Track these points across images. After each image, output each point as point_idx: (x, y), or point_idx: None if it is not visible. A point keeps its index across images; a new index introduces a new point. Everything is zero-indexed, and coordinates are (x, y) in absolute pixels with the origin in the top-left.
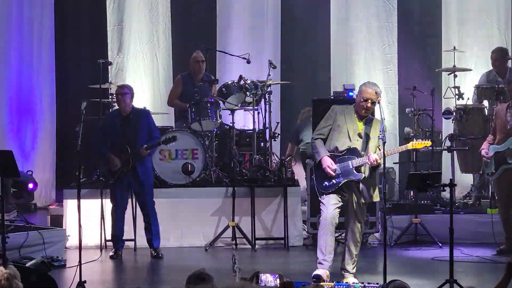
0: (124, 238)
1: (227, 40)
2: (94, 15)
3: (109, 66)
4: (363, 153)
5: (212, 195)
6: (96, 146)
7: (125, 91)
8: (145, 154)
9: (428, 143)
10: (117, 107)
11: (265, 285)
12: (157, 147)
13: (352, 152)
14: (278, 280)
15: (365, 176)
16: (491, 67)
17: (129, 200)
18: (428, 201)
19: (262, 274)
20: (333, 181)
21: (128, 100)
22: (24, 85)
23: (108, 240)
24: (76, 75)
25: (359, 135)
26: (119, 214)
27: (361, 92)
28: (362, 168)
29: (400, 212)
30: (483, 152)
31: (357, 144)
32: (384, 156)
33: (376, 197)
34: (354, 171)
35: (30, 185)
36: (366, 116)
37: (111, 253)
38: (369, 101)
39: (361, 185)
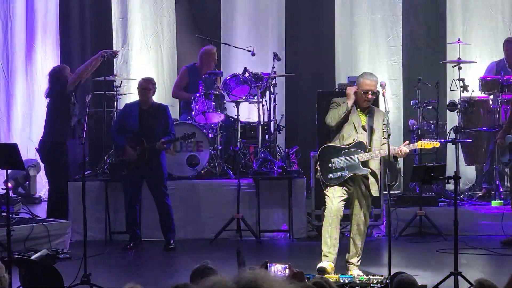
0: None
1: (232, 33)
2: (99, 8)
3: (114, 59)
4: (369, 147)
5: (217, 187)
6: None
7: (149, 87)
8: (162, 149)
9: (437, 143)
10: (121, 98)
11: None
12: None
13: (358, 146)
14: (287, 270)
15: (371, 170)
16: (495, 59)
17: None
18: (433, 193)
19: (271, 264)
20: (338, 174)
21: (151, 95)
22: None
23: (123, 232)
24: None
25: (363, 127)
26: (133, 206)
27: (360, 84)
28: (368, 162)
29: (405, 205)
30: (498, 141)
31: (362, 137)
32: (389, 151)
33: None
34: (360, 165)
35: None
36: (368, 108)
37: (125, 245)
38: (370, 92)
39: (366, 179)
